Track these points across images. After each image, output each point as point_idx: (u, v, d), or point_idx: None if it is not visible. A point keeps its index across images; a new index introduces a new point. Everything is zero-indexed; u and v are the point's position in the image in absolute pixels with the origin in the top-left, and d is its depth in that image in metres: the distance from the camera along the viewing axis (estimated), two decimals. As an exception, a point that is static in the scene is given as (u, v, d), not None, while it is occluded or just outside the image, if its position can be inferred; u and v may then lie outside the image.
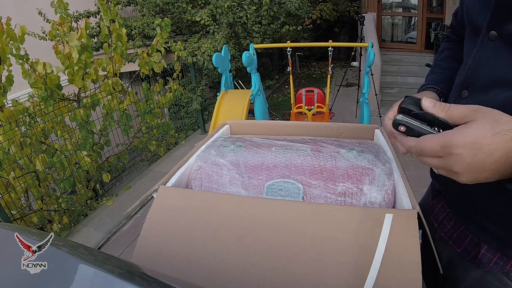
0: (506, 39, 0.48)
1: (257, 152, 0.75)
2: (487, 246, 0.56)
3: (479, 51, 0.53)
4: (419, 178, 2.41)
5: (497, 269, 0.55)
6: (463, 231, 0.61)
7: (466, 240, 0.61)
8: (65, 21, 2.65)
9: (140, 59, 3.26)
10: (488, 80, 0.51)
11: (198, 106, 4.23)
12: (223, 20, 4.52)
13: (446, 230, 0.66)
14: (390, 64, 5.55)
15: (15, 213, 2.37)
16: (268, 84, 6.51)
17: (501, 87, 0.48)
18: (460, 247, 0.62)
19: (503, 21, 0.48)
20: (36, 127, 2.57)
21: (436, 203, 0.71)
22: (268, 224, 0.57)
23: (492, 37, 0.50)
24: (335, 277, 0.50)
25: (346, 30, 8.94)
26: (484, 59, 0.52)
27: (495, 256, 0.55)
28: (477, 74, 0.53)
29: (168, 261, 0.57)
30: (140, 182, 3.26)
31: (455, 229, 0.64)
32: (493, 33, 0.50)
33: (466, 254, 0.60)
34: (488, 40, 0.51)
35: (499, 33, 0.49)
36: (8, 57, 2.27)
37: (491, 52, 0.51)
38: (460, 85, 0.57)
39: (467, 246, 0.60)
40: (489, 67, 0.51)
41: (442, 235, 0.67)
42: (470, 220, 0.60)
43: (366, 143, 0.80)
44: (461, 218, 0.62)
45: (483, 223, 0.56)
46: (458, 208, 0.63)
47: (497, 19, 0.49)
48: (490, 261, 0.55)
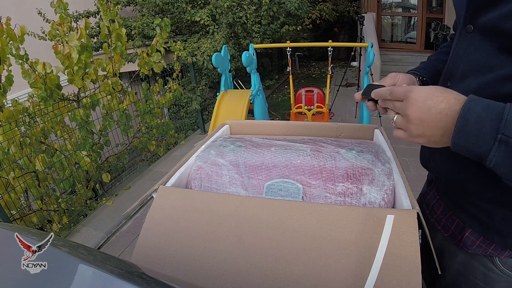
0: (480, 31, 0.52)
1: (257, 152, 0.75)
2: (471, 230, 0.59)
3: (458, 44, 0.58)
4: (419, 178, 2.41)
5: (480, 251, 0.58)
6: (451, 216, 0.65)
7: (453, 225, 0.64)
8: (64, 21, 2.65)
9: (140, 59, 3.26)
10: (465, 70, 0.55)
11: (198, 106, 4.23)
12: (223, 20, 4.51)
13: (436, 216, 0.69)
14: (389, 64, 5.56)
15: (14, 213, 2.36)
16: (268, 84, 6.51)
17: (475, 75, 0.52)
18: (448, 231, 0.65)
19: (477, 15, 0.52)
20: (35, 127, 2.57)
21: (428, 191, 0.75)
22: (267, 224, 0.57)
23: (469, 30, 0.54)
24: (334, 277, 0.50)
25: (346, 30, 8.94)
26: (462, 51, 0.56)
27: (478, 240, 0.58)
28: (456, 65, 0.58)
29: (168, 261, 0.57)
30: (139, 182, 3.26)
31: (444, 214, 0.67)
32: (470, 26, 0.54)
33: (453, 238, 0.64)
34: (465, 33, 0.55)
35: (474, 26, 0.53)
36: (7, 57, 2.26)
37: (468, 44, 0.55)
38: (444, 76, 0.62)
39: (454, 231, 0.63)
40: (466, 57, 0.55)
41: (433, 221, 0.70)
42: (457, 205, 0.63)
43: (366, 143, 0.80)
44: (449, 204, 0.66)
45: (468, 208, 0.59)
46: (447, 194, 0.66)
47: (471, 13, 0.53)
48: (473, 243, 0.59)
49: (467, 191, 0.58)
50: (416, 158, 0.56)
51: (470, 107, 0.42)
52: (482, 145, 0.41)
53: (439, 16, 5.80)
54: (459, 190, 0.60)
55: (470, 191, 0.57)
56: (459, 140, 0.43)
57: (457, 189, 0.61)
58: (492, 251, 0.56)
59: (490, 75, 0.49)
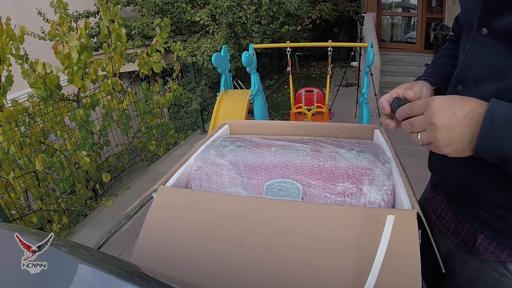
0: (495, 35, 0.51)
1: (257, 152, 0.75)
2: (483, 235, 0.58)
3: (471, 47, 0.56)
4: (419, 178, 2.41)
5: (493, 258, 0.56)
6: (461, 222, 0.63)
7: (463, 230, 0.62)
8: (64, 21, 2.65)
9: (140, 59, 3.26)
10: (479, 74, 0.54)
11: (198, 106, 4.23)
12: (223, 20, 4.51)
13: (444, 222, 0.68)
14: (389, 64, 5.56)
15: (14, 213, 2.36)
16: (268, 84, 6.51)
17: (491, 80, 0.51)
18: (458, 238, 0.64)
19: (492, 18, 0.50)
20: (35, 127, 2.57)
21: (434, 196, 0.73)
22: (267, 224, 0.57)
23: (483, 33, 0.53)
24: (334, 277, 0.50)
25: (346, 30, 8.94)
26: (476, 54, 0.55)
27: (491, 245, 0.57)
28: (469, 69, 0.56)
29: (168, 261, 0.57)
30: (139, 182, 3.26)
31: (452, 220, 0.66)
32: (484, 29, 0.53)
33: (463, 244, 0.62)
34: (479, 36, 0.54)
35: (489, 29, 0.52)
36: (7, 57, 2.26)
37: (482, 48, 0.53)
38: (455, 80, 0.60)
39: (464, 237, 0.62)
40: (480, 61, 0.54)
41: (440, 226, 0.69)
42: (466, 211, 0.61)
43: (366, 143, 0.80)
44: (458, 209, 0.64)
45: (478, 213, 0.58)
46: (455, 200, 0.65)
47: (486, 16, 0.52)
48: (486, 250, 0.57)
49: (479, 196, 0.57)
50: (416, 158, 0.56)
51: (495, 108, 0.42)
52: (508, 145, 0.41)
53: (439, 16, 5.80)
54: (470, 195, 0.59)
55: (482, 196, 0.56)
56: (485, 140, 0.42)
57: (468, 194, 0.60)
58: (506, 257, 0.55)
59: (508, 81, 0.48)
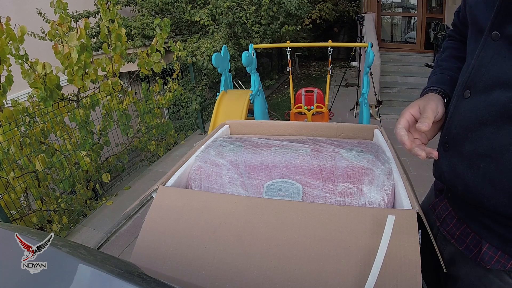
0: (508, 40, 0.48)
1: (257, 152, 0.75)
2: (489, 244, 0.56)
3: (482, 51, 0.53)
4: (419, 178, 2.41)
5: (499, 267, 0.55)
6: (465, 229, 0.62)
7: (468, 238, 0.61)
8: (64, 21, 2.65)
9: (140, 59, 3.26)
10: (490, 81, 0.51)
11: (198, 106, 4.22)
12: (223, 20, 4.51)
13: (449, 229, 0.66)
14: (389, 64, 5.55)
15: (14, 213, 2.36)
16: (268, 84, 6.51)
17: (503, 88, 0.49)
18: (462, 245, 0.62)
19: (506, 22, 0.48)
20: (35, 127, 2.57)
21: (438, 202, 0.72)
22: (267, 224, 0.57)
23: (495, 38, 0.50)
24: (334, 277, 0.50)
25: (346, 30, 8.94)
26: (487, 59, 0.52)
27: (497, 254, 0.55)
28: (479, 75, 0.53)
29: (167, 261, 0.57)
30: (139, 182, 3.26)
31: (457, 227, 0.64)
32: (496, 33, 0.50)
33: (468, 252, 0.61)
34: (491, 40, 0.51)
35: (501, 34, 0.49)
36: (7, 57, 2.26)
37: (494, 53, 0.51)
38: (463, 85, 0.58)
39: (469, 244, 0.61)
40: (492, 67, 0.51)
41: (445, 233, 0.67)
42: (472, 218, 0.60)
43: (366, 143, 0.80)
44: (463, 216, 0.63)
45: (484, 221, 0.57)
46: (461, 207, 0.64)
47: (500, 20, 0.49)
48: (492, 259, 0.56)
49: (485, 205, 0.55)
50: (416, 158, 0.55)
51: None
52: None
53: (439, 16, 5.80)
54: (477, 203, 0.57)
55: (489, 205, 0.54)
56: None
57: (474, 202, 0.58)
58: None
59: None
